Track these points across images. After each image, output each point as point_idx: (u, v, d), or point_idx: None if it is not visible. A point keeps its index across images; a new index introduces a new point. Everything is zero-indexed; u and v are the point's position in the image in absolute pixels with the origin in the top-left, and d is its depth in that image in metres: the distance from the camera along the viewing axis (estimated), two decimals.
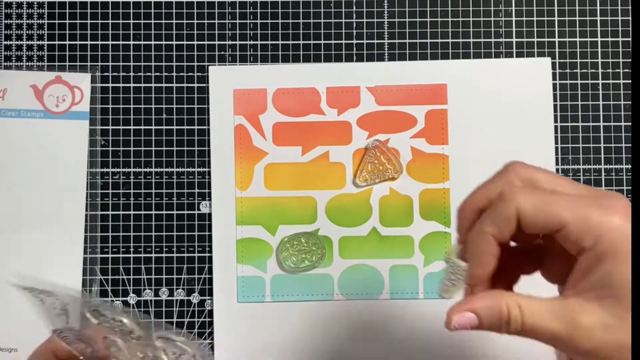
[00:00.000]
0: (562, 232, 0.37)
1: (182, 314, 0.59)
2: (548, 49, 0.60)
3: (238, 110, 0.60)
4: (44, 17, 0.60)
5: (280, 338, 0.59)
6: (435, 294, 0.59)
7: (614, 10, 0.60)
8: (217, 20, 0.60)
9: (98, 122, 0.60)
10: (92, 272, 0.59)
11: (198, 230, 0.59)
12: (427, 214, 0.59)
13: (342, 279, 0.59)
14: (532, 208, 0.37)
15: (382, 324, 0.59)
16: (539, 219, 0.37)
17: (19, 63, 0.60)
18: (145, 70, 0.60)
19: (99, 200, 0.59)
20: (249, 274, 0.59)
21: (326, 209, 0.59)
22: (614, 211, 0.36)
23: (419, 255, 0.59)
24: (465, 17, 0.60)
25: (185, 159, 0.60)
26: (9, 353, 0.58)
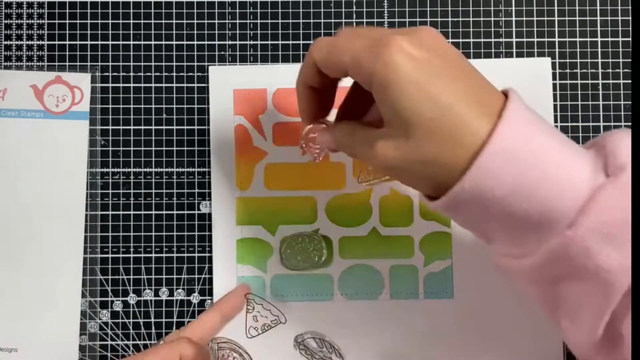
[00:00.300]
0: (350, 73, 0.43)
1: (182, 314, 0.59)
2: (548, 49, 0.60)
3: (238, 110, 0.60)
4: (44, 17, 0.60)
5: None
6: (436, 294, 0.59)
7: (614, 10, 0.60)
8: (217, 20, 0.60)
9: (98, 122, 0.60)
10: (92, 272, 0.59)
11: (198, 230, 0.59)
12: (427, 214, 0.59)
13: (342, 279, 0.59)
14: (321, 56, 0.45)
15: (382, 324, 0.59)
16: (327, 64, 0.45)
17: (19, 63, 0.60)
18: (145, 70, 0.60)
19: (99, 200, 0.59)
20: (249, 274, 0.59)
21: (326, 209, 0.59)
22: (386, 50, 0.41)
23: (419, 255, 0.59)
24: (465, 17, 0.60)
25: (185, 159, 0.60)
26: (9, 353, 0.58)
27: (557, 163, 0.39)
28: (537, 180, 0.39)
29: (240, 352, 0.55)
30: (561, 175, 0.39)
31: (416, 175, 0.42)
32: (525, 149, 0.39)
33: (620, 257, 0.38)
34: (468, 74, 0.42)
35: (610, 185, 0.39)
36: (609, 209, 0.38)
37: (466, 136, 0.40)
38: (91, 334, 0.59)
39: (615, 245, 0.38)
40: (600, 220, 0.38)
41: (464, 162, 0.40)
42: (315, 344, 0.57)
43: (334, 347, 0.58)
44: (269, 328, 0.58)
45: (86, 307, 0.59)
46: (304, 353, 0.58)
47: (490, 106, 0.41)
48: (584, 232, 0.38)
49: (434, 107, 0.40)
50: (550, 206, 0.39)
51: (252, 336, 0.58)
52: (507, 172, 0.39)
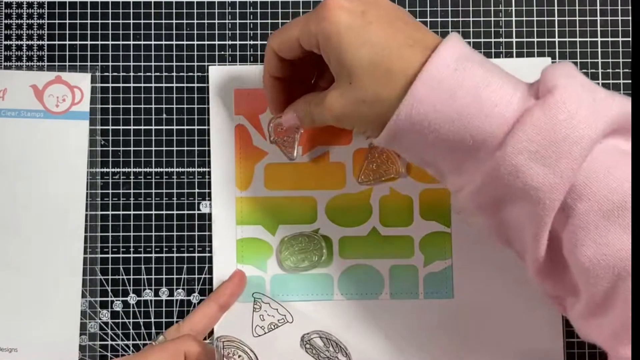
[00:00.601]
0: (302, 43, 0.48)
1: (182, 314, 0.59)
2: (548, 49, 0.60)
3: (238, 110, 0.60)
4: (44, 17, 0.60)
5: None
6: (435, 295, 0.59)
7: (614, 10, 0.60)
8: (217, 20, 0.60)
9: (98, 122, 0.60)
10: (92, 272, 0.59)
11: (198, 230, 0.59)
12: (427, 214, 0.59)
13: (342, 279, 0.59)
14: (276, 41, 0.50)
15: (382, 324, 0.59)
16: (282, 45, 0.49)
17: (19, 63, 0.60)
18: (145, 70, 0.60)
19: (99, 200, 0.59)
20: (249, 274, 0.59)
21: (326, 209, 0.59)
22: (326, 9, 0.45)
23: (419, 255, 0.59)
24: (465, 17, 0.60)
25: (185, 159, 0.60)
26: (9, 353, 0.58)
27: (487, 89, 0.42)
28: (467, 105, 0.42)
29: (245, 350, 0.56)
30: (490, 100, 0.41)
31: (362, 117, 0.46)
32: (455, 77, 0.42)
33: (548, 174, 0.40)
34: (403, 20, 0.46)
35: (537, 107, 0.41)
36: (534, 128, 0.40)
37: (400, 71, 0.43)
38: (91, 334, 0.59)
39: (543, 163, 0.40)
40: (526, 139, 0.40)
41: (399, 94, 0.43)
42: (322, 343, 0.58)
43: (341, 346, 0.58)
44: (276, 327, 0.58)
45: (86, 307, 0.59)
46: (310, 352, 0.58)
47: (424, 44, 0.44)
48: (511, 151, 0.41)
49: (370, 50, 0.44)
50: (481, 129, 0.41)
51: (258, 335, 0.58)
52: (438, 99, 0.42)
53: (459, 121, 0.42)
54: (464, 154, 0.43)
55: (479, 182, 0.43)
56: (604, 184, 0.40)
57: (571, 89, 0.41)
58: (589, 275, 0.41)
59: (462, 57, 0.43)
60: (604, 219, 0.40)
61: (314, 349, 0.58)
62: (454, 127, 0.42)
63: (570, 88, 0.41)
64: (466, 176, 0.44)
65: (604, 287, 0.41)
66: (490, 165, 0.42)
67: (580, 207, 0.41)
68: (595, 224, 0.41)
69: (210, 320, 0.56)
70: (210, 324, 0.56)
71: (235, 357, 0.55)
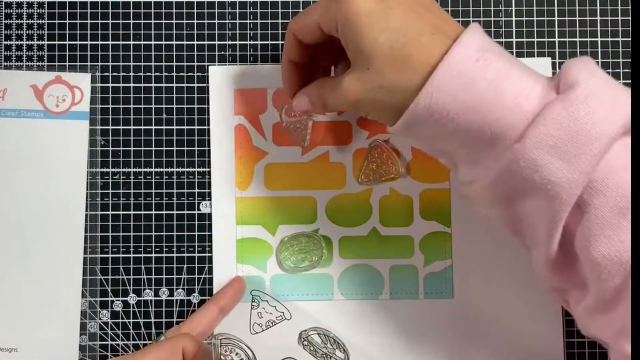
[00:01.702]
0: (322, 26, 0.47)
1: (182, 314, 0.59)
2: (548, 49, 0.60)
3: (238, 110, 0.60)
4: (44, 17, 0.60)
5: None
6: (435, 295, 0.59)
7: (614, 10, 0.60)
8: (217, 20, 0.60)
9: (98, 122, 0.60)
10: (92, 272, 0.59)
11: (198, 230, 0.59)
12: (427, 214, 0.59)
13: (342, 279, 0.59)
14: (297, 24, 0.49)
15: (382, 324, 0.59)
16: (303, 28, 0.49)
17: (19, 63, 0.60)
18: (145, 70, 0.60)
19: (99, 200, 0.59)
20: (249, 274, 0.59)
21: (326, 209, 0.59)
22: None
23: (419, 255, 0.59)
24: (465, 17, 0.60)
25: (185, 159, 0.60)
26: (9, 353, 0.58)
27: (507, 81, 0.42)
28: (487, 96, 0.41)
29: (243, 348, 0.56)
30: (510, 92, 0.41)
31: (378, 103, 0.45)
32: (476, 67, 0.42)
33: (567, 170, 0.40)
34: (425, 7, 0.45)
35: (558, 101, 0.41)
36: (555, 122, 0.40)
37: (421, 59, 0.43)
38: (91, 334, 0.59)
39: (562, 158, 0.40)
40: (546, 133, 0.40)
41: (419, 82, 0.43)
42: (320, 340, 0.58)
43: (338, 343, 0.58)
44: (273, 324, 0.58)
45: (86, 307, 0.59)
46: (308, 349, 0.58)
47: (445, 33, 0.44)
48: (530, 144, 0.41)
49: (390, 36, 0.43)
50: (501, 121, 0.41)
51: (256, 332, 0.58)
52: (459, 88, 0.42)
53: (478, 112, 0.42)
54: (482, 145, 0.43)
55: (495, 174, 0.43)
56: (621, 180, 0.41)
57: (593, 84, 0.41)
58: (600, 271, 0.41)
59: (484, 47, 0.43)
60: (619, 215, 0.41)
61: (312, 346, 0.58)
62: (472, 118, 0.42)
63: (592, 84, 0.41)
64: (482, 168, 0.44)
65: (615, 284, 0.41)
66: (509, 158, 0.42)
67: (596, 203, 0.41)
68: (610, 220, 0.41)
69: (210, 322, 0.56)
70: (210, 326, 0.56)
71: (232, 354, 0.55)
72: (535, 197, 0.42)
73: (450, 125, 0.43)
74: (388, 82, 0.44)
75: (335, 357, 0.58)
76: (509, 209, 0.45)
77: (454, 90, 0.42)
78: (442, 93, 0.42)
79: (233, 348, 0.55)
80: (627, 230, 0.40)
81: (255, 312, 0.58)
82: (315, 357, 0.58)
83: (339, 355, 0.58)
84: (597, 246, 0.41)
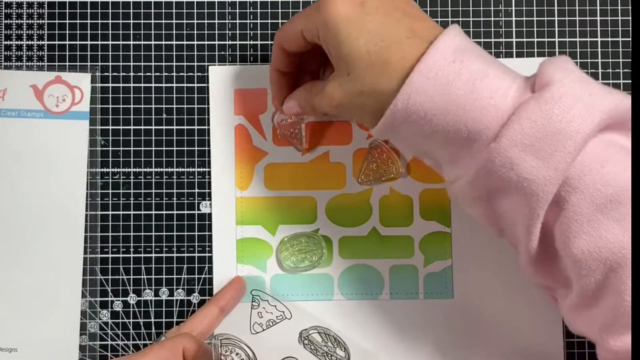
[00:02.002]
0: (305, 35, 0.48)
1: (182, 314, 0.59)
2: (548, 49, 0.60)
3: (238, 110, 0.60)
4: (44, 17, 0.60)
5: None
6: (435, 294, 0.59)
7: (614, 10, 0.60)
8: (217, 20, 0.60)
9: (98, 122, 0.60)
10: (92, 272, 0.59)
11: (198, 230, 0.59)
12: (427, 214, 0.59)
13: (342, 279, 0.59)
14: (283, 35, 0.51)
15: (382, 324, 0.59)
16: (288, 37, 0.50)
17: (19, 63, 0.60)
18: (145, 70, 0.60)
19: (99, 200, 0.59)
20: (249, 274, 0.59)
21: (326, 209, 0.59)
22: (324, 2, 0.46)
23: (419, 255, 0.59)
24: (465, 17, 0.60)
25: (185, 159, 0.60)
26: (9, 353, 0.58)
27: (483, 81, 0.42)
28: (463, 96, 0.42)
29: (243, 348, 0.56)
30: (486, 92, 0.42)
31: (360, 108, 0.47)
32: (452, 68, 0.42)
33: (542, 167, 0.41)
34: (402, 10, 0.46)
35: (532, 100, 0.41)
36: (529, 121, 0.40)
37: (398, 62, 0.44)
38: (91, 334, 0.59)
39: (537, 156, 0.41)
40: (521, 132, 0.41)
41: (397, 85, 0.44)
42: (320, 338, 0.58)
43: (339, 341, 0.58)
44: (274, 324, 0.58)
45: (86, 307, 0.59)
46: (309, 348, 0.58)
47: (422, 36, 0.44)
48: (506, 143, 0.41)
49: (368, 41, 0.44)
50: (477, 121, 0.42)
51: (257, 332, 0.58)
52: (435, 90, 0.42)
53: (454, 112, 0.42)
54: (460, 145, 0.43)
55: (473, 173, 0.43)
56: (597, 177, 0.41)
57: (567, 83, 0.41)
58: (581, 267, 0.42)
59: (461, 49, 0.43)
60: (597, 211, 0.41)
61: (312, 345, 0.58)
62: (449, 118, 0.43)
63: (567, 82, 0.41)
64: (461, 167, 0.45)
65: (596, 279, 0.41)
66: (485, 157, 0.42)
67: (573, 200, 0.41)
68: (588, 216, 0.41)
69: (211, 322, 0.56)
70: (210, 326, 0.56)
71: (232, 355, 0.55)
72: (512, 195, 0.43)
73: (428, 126, 0.43)
74: (368, 87, 0.45)
75: (336, 355, 0.58)
76: (490, 207, 0.45)
77: (430, 91, 0.42)
78: (419, 94, 0.43)
79: (233, 348, 0.55)
80: (605, 226, 0.41)
81: (256, 312, 0.58)
82: (316, 356, 0.58)
83: (339, 353, 0.58)
84: (576, 242, 0.41)
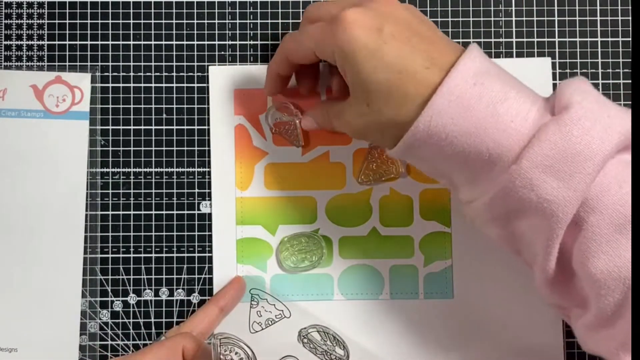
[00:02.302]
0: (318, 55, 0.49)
1: (182, 314, 0.59)
2: (548, 49, 0.60)
3: (238, 110, 0.60)
4: (44, 17, 0.60)
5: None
6: (435, 295, 0.59)
7: (614, 10, 0.60)
8: (217, 20, 0.60)
9: (98, 122, 0.60)
10: (92, 272, 0.59)
11: (198, 230, 0.59)
12: (427, 214, 0.59)
13: (342, 279, 0.59)
14: (292, 50, 0.51)
15: (382, 324, 0.59)
16: (297, 54, 0.51)
17: (19, 63, 0.60)
18: (145, 70, 0.60)
19: (99, 200, 0.59)
20: (249, 274, 0.59)
21: (326, 209, 0.59)
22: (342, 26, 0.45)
23: (419, 255, 0.59)
24: (465, 17, 0.60)
25: (185, 159, 0.60)
26: (9, 353, 0.58)
27: (504, 104, 0.43)
28: (485, 120, 0.43)
29: (242, 347, 0.56)
30: (507, 115, 0.42)
31: (380, 133, 0.47)
32: (473, 91, 0.43)
33: (562, 188, 0.41)
34: (420, 35, 0.46)
35: (552, 123, 0.42)
36: (550, 143, 0.41)
37: (418, 93, 0.44)
38: (91, 334, 0.59)
39: (557, 177, 0.41)
40: (541, 154, 0.41)
41: (416, 114, 0.44)
42: (319, 337, 0.58)
43: (338, 340, 0.58)
44: (273, 323, 0.58)
45: (86, 307, 0.59)
46: (308, 346, 0.58)
47: (440, 64, 0.44)
48: (526, 165, 0.41)
49: (386, 74, 0.44)
50: (498, 144, 0.43)
51: (256, 331, 0.58)
52: (457, 112, 0.43)
53: (476, 135, 0.43)
54: (480, 167, 0.44)
55: (492, 194, 0.44)
56: (616, 197, 0.41)
57: (586, 105, 0.42)
58: (600, 287, 0.42)
59: (481, 71, 0.44)
60: (615, 231, 0.41)
61: (311, 343, 0.58)
62: (471, 140, 0.43)
63: (585, 104, 0.42)
64: (480, 188, 0.45)
65: (615, 299, 0.42)
66: (506, 178, 0.43)
67: (592, 220, 0.42)
68: (607, 236, 0.42)
69: (211, 322, 0.56)
70: (210, 326, 0.56)
71: (232, 354, 0.55)
72: (532, 216, 0.43)
73: (449, 147, 0.44)
74: (388, 118, 0.45)
75: (335, 354, 0.58)
76: (507, 228, 0.46)
77: (452, 113, 0.43)
78: (441, 117, 0.43)
79: (233, 347, 0.55)
80: (624, 246, 0.41)
81: (255, 311, 0.58)
82: (315, 354, 0.58)
83: (338, 352, 0.58)
84: (595, 262, 0.42)
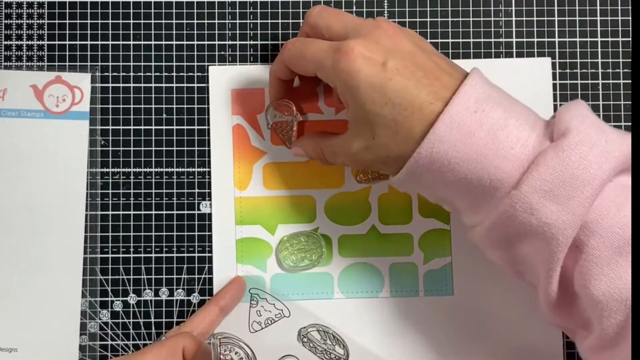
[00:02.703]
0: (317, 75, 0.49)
1: (182, 314, 0.59)
2: (548, 49, 0.60)
3: (236, 110, 0.60)
4: (44, 17, 0.60)
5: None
6: (435, 292, 0.59)
7: (614, 10, 0.60)
8: (217, 20, 0.60)
9: (98, 122, 0.60)
10: (92, 272, 0.59)
11: (198, 230, 0.59)
12: (426, 211, 0.59)
13: (342, 278, 0.59)
14: (291, 61, 0.51)
15: (383, 322, 0.59)
16: (296, 67, 0.51)
17: (19, 63, 0.60)
18: (145, 70, 0.60)
19: (99, 200, 0.59)
20: (249, 274, 0.59)
21: (325, 208, 0.59)
22: (345, 58, 0.46)
23: (419, 252, 0.59)
24: (465, 17, 0.60)
25: (185, 159, 0.60)
26: (9, 353, 0.58)
27: (504, 131, 0.44)
28: (486, 146, 0.44)
29: (242, 347, 0.55)
30: (507, 142, 0.43)
31: (385, 165, 0.48)
32: (474, 119, 0.44)
33: (561, 212, 0.42)
34: (423, 68, 0.46)
35: (551, 149, 0.43)
36: (549, 168, 0.42)
37: (422, 127, 0.45)
38: (91, 334, 0.59)
39: (556, 201, 0.42)
40: (540, 179, 0.42)
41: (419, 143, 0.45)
42: (319, 336, 0.57)
43: (338, 339, 0.58)
44: (273, 322, 0.58)
45: (86, 307, 0.59)
46: (308, 346, 0.58)
47: (445, 96, 0.45)
48: (526, 190, 0.42)
49: (392, 111, 0.45)
50: (499, 170, 0.43)
51: (255, 331, 0.58)
52: (458, 139, 0.44)
53: (477, 161, 0.44)
54: (481, 192, 0.45)
55: (494, 219, 0.44)
56: (615, 220, 0.42)
57: (583, 130, 0.43)
58: (602, 309, 0.42)
59: (482, 97, 0.44)
60: (615, 254, 0.42)
61: (311, 342, 0.58)
62: (472, 167, 0.44)
63: (582, 129, 0.43)
64: (482, 213, 0.46)
65: (617, 321, 0.42)
66: (507, 203, 0.43)
67: (592, 243, 0.42)
68: (607, 259, 0.42)
69: (211, 322, 0.56)
70: (210, 326, 0.56)
71: (232, 354, 0.55)
72: (533, 240, 0.44)
73: (450, 174, 0.45)
74: (394, 152, 0.46)
75: (335, 353, 0.58)
76: (509, 252, 0.46)
77: (454, 140, 0.44)
78: (443, 143, 0.44)
79: (232, 347, 0.55)
80: (624, 268, 0.42)
81: (254, 311, 0.58)
82: (315, 354, 0.58)
83: (338, 351, 0.58)
84: (596, 284, 0.42)
